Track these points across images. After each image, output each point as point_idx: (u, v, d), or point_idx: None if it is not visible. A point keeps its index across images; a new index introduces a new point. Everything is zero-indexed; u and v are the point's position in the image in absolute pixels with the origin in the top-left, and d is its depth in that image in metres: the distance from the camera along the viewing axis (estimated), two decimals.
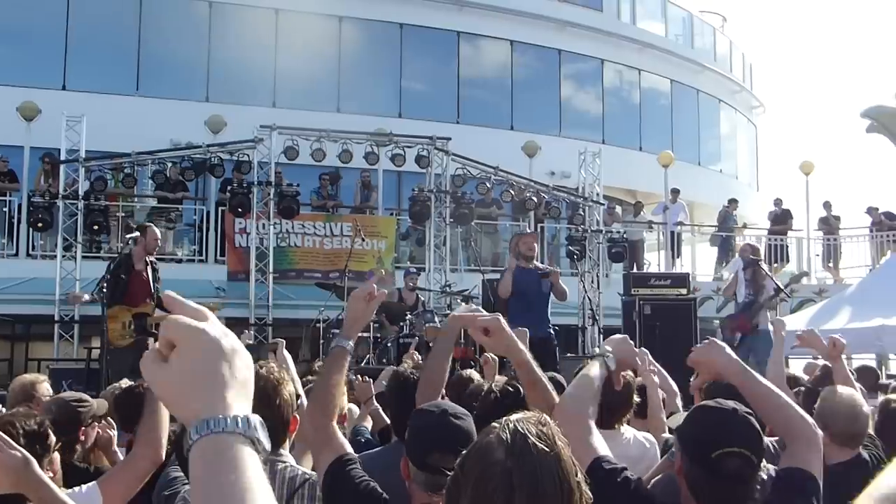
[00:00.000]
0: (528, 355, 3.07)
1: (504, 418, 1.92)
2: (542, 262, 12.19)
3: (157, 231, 9.96)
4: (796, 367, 12.17)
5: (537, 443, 1.83)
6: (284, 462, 3.17)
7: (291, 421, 3.24)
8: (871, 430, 4.39)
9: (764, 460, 3.57)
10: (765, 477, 2.63)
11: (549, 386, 3.09)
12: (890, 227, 19.42)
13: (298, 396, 3.51)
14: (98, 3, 19.79)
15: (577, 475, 1.86)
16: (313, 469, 3.20)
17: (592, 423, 2.74)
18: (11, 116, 15.88)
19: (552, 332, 9.69)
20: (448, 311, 12.86)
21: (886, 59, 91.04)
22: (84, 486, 3.25)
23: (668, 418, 4.47)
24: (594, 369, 2.92)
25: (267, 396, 3.10)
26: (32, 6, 19.27)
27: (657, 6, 27.73)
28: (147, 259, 9.62)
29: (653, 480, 3.33)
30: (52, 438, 3.35)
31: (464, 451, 1.92)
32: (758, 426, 2.57)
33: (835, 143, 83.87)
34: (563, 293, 9.69)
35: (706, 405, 2.78)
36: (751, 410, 2.64)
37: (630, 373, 4.06)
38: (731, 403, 2.69)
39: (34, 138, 15.85)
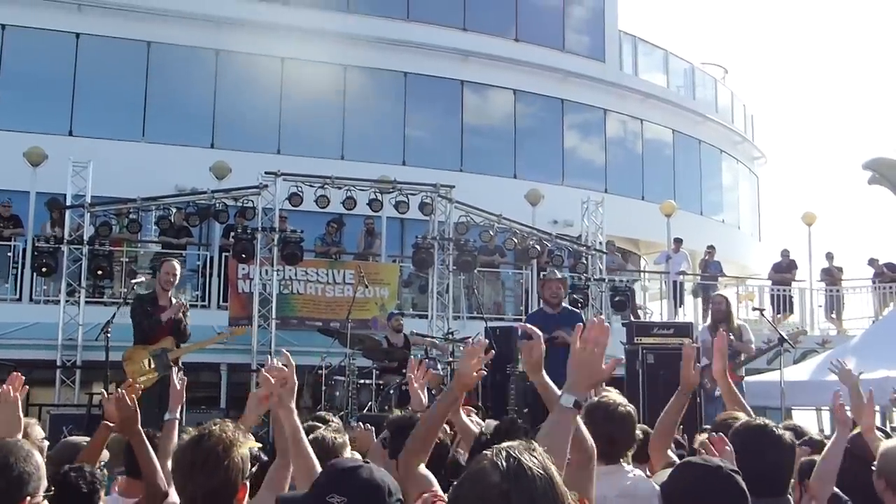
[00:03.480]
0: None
1: (494, 447, 1.96)
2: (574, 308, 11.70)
3: (174, 265, 9.63)
4: (799, 418, 12.14)
5: (532, 465, 1.88)
6: None
7: (241, 488, 2.94)
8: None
9: None
10: None
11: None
12: (892, 279, 19.42)
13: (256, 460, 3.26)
14: (105, 50, 20.04)
15: (569, 497, 1.91)
16: None
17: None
18: (18, 161, 16.00)
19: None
20: (451, 359, 12.86)
21: (888, 112, 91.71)
22: None
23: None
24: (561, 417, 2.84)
25: (216, 457, 2.89)
26: (40, 52, 19.54)
27: (659, 58, 28.09)
28: (171, 297, 9.52)
29: None
30: None
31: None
32: (742, 484, 2.56)
33: (837, 194, 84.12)
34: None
35: (691, 461, 2.80)
36: (736, 469, 2.64)
37: (630, 405, 4.09)
38: (716, 461, 2.70)
39: (40, 183, 15.95)
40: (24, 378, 3.68)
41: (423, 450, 3.43)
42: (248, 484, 2.97)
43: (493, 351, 3.53)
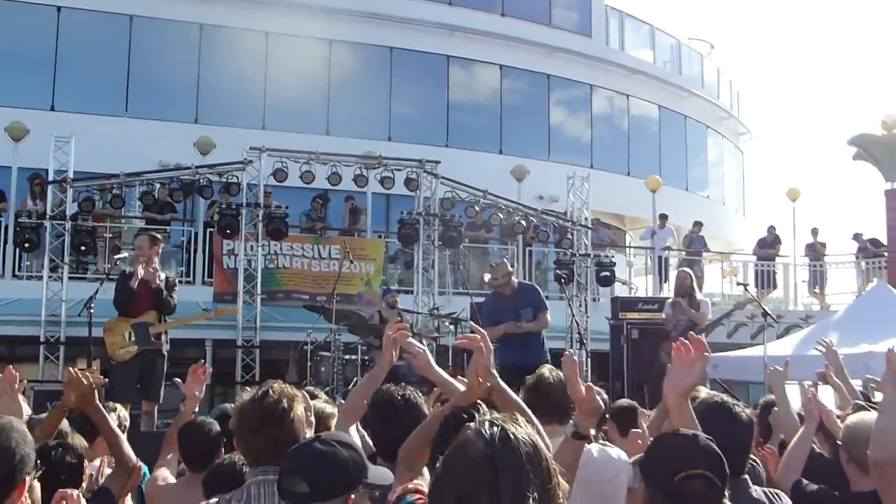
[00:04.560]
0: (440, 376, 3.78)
1: (477, 419, 2.03)
2: (526, 281, 12.22)
3: (143, 238, 9.45)
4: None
5: (516, 432, 1.94)
6: None
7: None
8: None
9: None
10: None
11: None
12: (875, 254, 19.52)
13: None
14: (87, 24, 19.82)
15: (553, 463, 1.96)
16: None
17: None
18: None
19: (524, 363, 8.28)
20: (436, 334, 12.89)
21: (873, 88, 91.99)
22: None
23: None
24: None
25: (283, 411, 3.11)
26: (22, 27, 19.31)
27: (646, 33, 28.03)
28: (153, 269, 9.35)
29: None
30: None
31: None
32: (719, 451, 2.59)
33: (821, 169, 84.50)
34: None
35: (667, 433, 2.85)
36: (711, 437, 2.66)
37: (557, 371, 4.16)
38: (691, 431, 2.75)
39: (22, 159, 15.84)
40: (16, 374, 3.66)
41: (421, 452, 3.41)
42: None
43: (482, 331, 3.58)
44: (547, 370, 4.25)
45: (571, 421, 3.34)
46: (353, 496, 2.43)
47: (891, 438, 3.68)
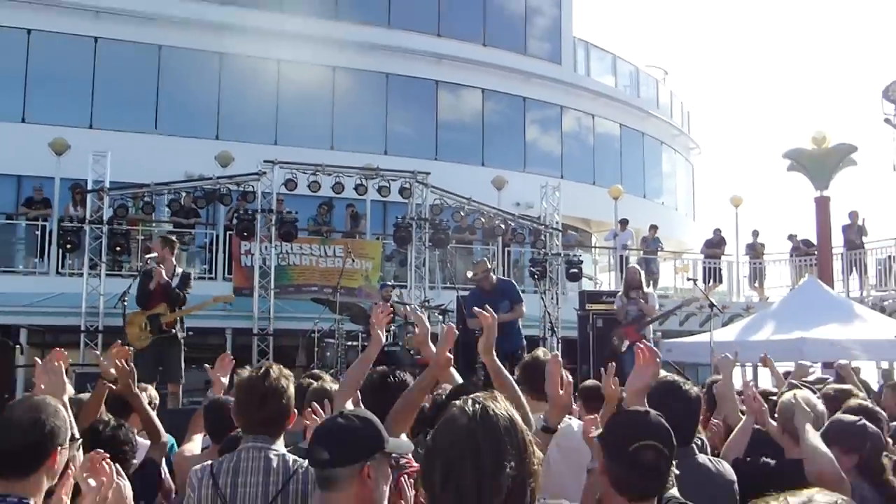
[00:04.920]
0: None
1: (462, 397, 2.01)
2: (504, 277, 12.40)
3: (157, 241, 9.69)
4: None
5: (495, 409, 1.94)
6: (277, 451, 3.17)
7: (291, 416, 3.27)
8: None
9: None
10: (677, 472, 2.65)
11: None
12: (807, 253, 19.64)
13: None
14: (121, 53, 19.74)
15: (528, 435, 1.96)
16: None
17: None
18: (44, 151, 15.80)
19: (498, 349, 8.85)
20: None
21: (804, 108, 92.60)
22: None
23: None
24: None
25: (282, 388, 3.20)
26: (64, 55, 19.21)
27: (608, 61, 28.07)
28: (174, 269, 9.33)
29: None
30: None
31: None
32: (668, 426, 2.62)
33: (760, 179, 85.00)
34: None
35: (623, 411, 2.93)
36: (661, 414, 2.69)
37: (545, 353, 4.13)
38: (644, 408, 2.80)
39: (64, 170, 15.76)
40: (65, 354, 3.61)
41: (404, 421, 3.45)
42: (295, 412, 3.31)
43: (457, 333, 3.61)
44: (541, 352, 4.20)
45: (542, 416, 3.28)
46: (369, 463, 2.45)
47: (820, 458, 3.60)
